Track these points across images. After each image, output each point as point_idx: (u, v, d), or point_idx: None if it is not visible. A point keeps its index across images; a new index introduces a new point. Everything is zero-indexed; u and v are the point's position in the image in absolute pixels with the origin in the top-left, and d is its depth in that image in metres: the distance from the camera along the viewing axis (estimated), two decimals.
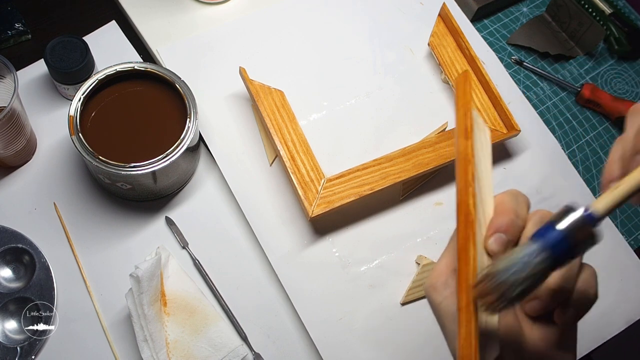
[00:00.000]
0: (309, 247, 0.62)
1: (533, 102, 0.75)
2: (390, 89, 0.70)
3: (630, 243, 0.69)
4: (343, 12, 0.74)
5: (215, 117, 0.66)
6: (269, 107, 0.62)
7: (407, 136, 0.67)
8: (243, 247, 0.62)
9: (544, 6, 0.82)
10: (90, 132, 0.58)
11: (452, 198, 0.66)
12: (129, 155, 0.56)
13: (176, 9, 0.71)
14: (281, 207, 0.63)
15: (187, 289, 0.58)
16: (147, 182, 0.58)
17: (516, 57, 0.78)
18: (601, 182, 0.38)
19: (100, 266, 0.60)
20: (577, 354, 0.38)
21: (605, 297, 0.66)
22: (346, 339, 0.59)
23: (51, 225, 0.61)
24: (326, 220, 0.62)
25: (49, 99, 0.66)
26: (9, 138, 0.57)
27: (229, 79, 0.67)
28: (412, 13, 0.75)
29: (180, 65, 0.66)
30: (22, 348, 0.55)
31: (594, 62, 0.80)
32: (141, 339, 0.54)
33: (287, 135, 0.61)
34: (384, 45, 0.73)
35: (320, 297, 0.60)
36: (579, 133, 0.76)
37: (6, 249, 0.59)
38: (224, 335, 0.57)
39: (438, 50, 0.70)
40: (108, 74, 0.59)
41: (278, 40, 0.71)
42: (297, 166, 0.60)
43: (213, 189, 0.64)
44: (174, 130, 0.58)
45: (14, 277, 0.59)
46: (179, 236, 0.62)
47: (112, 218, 0.62)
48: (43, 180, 0.63)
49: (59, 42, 0.62)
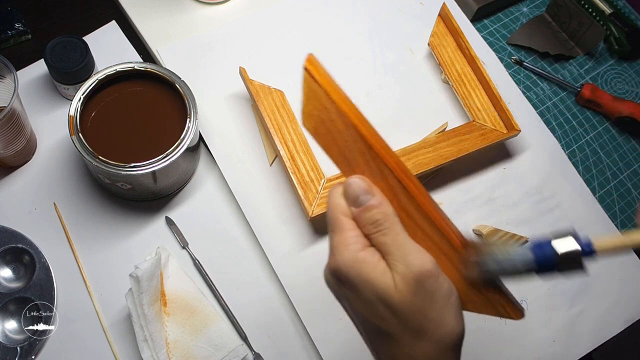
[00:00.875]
0: (309, 247, 0.62)
1: (533, 102, 0.75)
2: (390, 89, 0.70)
3: None
4: (343, 12, 0.74)
5: (215, 117, 0.66)
6: (269, 107, 0.62)
7: (407, 136, 0.67)
8: (243, 247, 0.62)
9: (544, 6, 0.82)
10: (90, 132, 0.58)
11: (451, 198, 0.66)
12: (129, 155, 0.56)
13: (176, 9, 0.71)
14: (281, 207, 0.63)
15: (187, 289, 0.58)
16: (147, 182, 0.58)
17: (516, 57, 0.78)
18: (637, 210, 0.40)
19: (100, 266, 0.60)
20: (565, 353, 0.39)
21: (605, 297, 0.66)
22: (346, 339, 0.59)
23: (51, 225, 0.61)
24: (326, 220, 0.62)
25: (49, 99, 0.66)
26: (9, 138, 0.57)
27: (229, 79, 0.67)
28: (412, 13, 0.75)
29: (180, 65, 0.66)
30: (22, 348, 0.55)
31: (594, 62, 0.80)
32: (141, 339, 0.54)
33: (287, 135, 0.61)
34: (384, 45, 0.73)
35: (320, 297, 0.60)
36: (579, 133, 0.76)
37: (6, 249, 0.59)
38: (224, 335, 0.57)
39: (438, 50, 0.70)
40: (108, 74, 0.59)
41: (278, 40, 0.71)
42: (297, 166, 0.60)
43: (213, 189, 0.64)
44: (174, 130, 0.58)
45: (14, 277, 0.59)
46: (179, 236, 0.62)
47: (112, 218, 0.62)
48: (43, 180, 0.63)
49: (59, 42, 0.62)
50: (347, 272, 0.36)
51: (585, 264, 0.34)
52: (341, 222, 0.37)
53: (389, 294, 0.35)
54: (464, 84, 0.68)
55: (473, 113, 0.67)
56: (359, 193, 0.36)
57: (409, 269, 0.35)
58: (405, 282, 0.35)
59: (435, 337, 0.36)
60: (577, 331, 0.64)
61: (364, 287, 0.35)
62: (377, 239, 0.36)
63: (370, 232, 0.36)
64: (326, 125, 0.36)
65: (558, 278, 0.36)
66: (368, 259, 0.36)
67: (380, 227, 0.36)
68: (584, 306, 0.65)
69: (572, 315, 0.64)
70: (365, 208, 0.36)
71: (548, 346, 0.63)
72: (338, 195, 0.38)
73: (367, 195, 0.36)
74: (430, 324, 0.35)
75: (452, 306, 0.36)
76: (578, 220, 0.68)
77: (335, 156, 0.38)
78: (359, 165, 0.37)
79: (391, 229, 0.36)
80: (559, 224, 0.67)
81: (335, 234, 0.37)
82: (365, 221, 0.36)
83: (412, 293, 0.35)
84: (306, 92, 0.35)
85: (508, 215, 0.67)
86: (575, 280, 0.65)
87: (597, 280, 0.66)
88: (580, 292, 0.65)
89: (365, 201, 0.36)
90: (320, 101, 0.35)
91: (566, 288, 0.65)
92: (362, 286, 0.35)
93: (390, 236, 0.36)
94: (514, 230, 0.66)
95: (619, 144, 0.76)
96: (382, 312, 0.36)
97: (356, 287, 0.36)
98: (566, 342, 0.63)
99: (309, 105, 0.36)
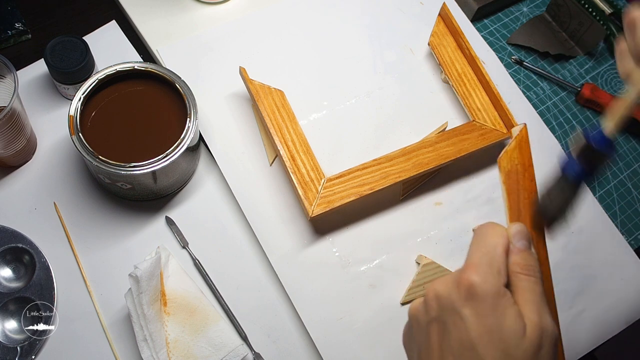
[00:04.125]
0: (309, 247, 0.62)
1: (533, 102, 0.75)
2: (390, 89, 0.70)
3: (631, 243, 0.69)
4: (343, 12, 0.74)
5: (215, 117, 0.66)
6: (269, 107, 0.62)
7: (407, 136, 0.67)
8: (243, 247, 0.62)
9: (544, 6, 0.82)
10: (90, 132, 0.58)
11: (451, 198, 0.66)
12: (129, 155, 0.56)
13: (176, 9, 0.72)
14: (281, 207, 0.63)
15: (187, 289, 0.58)
16: (147, 182, 0.58)
17: (516, 56, 0.78)
18: (620, 73, 0.44)
19: (100, 266, 0.60)
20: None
21: (605, 297, 0.66)
22: (346, 339, 0.59)
23: (51, 225, 0.61)
24: (326, 220, 0.62)
25: (49, 99, 0.66)
26: (9, 138, 0.57)
27: (229, 79, 0.67)
28: (412, 13, 0.75)
29: (180, 65, 0.66)
30: (22, 348, 0.56)
31: (594, 62, 0.80)
32: (141, 339, 0.54)
33: (287, 135, 0.61)
34: (384, 45, 0.73)
35: (320, 297, 0.60)
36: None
37: (6, 249, 0.59)
38: (224, 335, 0.57)
39: (438, 50, 0.70)
40: (108, 73, 0.59)
41: (278, 40, 0.71)
42: (297, 166, 0.60)
43: (213, 189, 0.64)
44: (174, 130, 0.58)
45: (14, 277, 0.59)
46: (179, 236, 0.62)
47: (112, 218, 0.62)
48: (43, 180, 0.63)
49: (59, 42, 0.62)
50: (487, 292, 0.34)
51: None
52: (496, 251, 0.36)
53: (516, 338, 0.33)
54: (464, 83, 0.68)
55: (473, 113, 0.67)
56: (524, 237, 0.38)
57: (543, 325, 0.34)
58: (534, 335, 0.34)
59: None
60: (577, 331, 0.64)
61: (494, 318, 0.34)
62: (524, 281, 0.36)
63: (520, 271, 0.36)
64: (518, 176, 0.44)
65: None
66: (508, 295, 0.35)
67: (532, 272, 0.36)
68: (584, 306, 0.65)
69: (572, 315, 0.64)
70: (526, 249, 0.37)
71: None
72: (501, 229, 0.38)
73: (528, 242, 0.38)
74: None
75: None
76: (578, 220, 0.68)
77: (512, 204, 0.43)
78: (525, 220, 0.42)
79: (540, 280, 0.36)
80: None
81: (486, 257, 0.36)
82: (520, 260, 0.36)
83: (534, 347, 0.34)
84: (517, 142, 0.46)
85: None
86: (576, 280, 0.65)
87: (597, 280, 0.66)
88: (580, 292, 0.65)
89: (527, 246, 0.37)
90: (524, 157, 0.45)
91: (566, 288, 0.65)
92: (494, 315, 0.34)
93: (539, 287, 0.36)
94: None
95: (619, 143, 0.76)
96: (499, 350, 0.33)
97: (486, 312, 0.34)
98: (566, 342, 0.63)
99: (513, 154, 0.45)
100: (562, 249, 0.66)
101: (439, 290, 0.36)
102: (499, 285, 0.35)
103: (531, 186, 0.44)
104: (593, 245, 0.67)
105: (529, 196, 0.43)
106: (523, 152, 0.45)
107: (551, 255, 0.44)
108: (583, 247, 0.67)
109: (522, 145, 0.45)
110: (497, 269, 0.36)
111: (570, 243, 0.67)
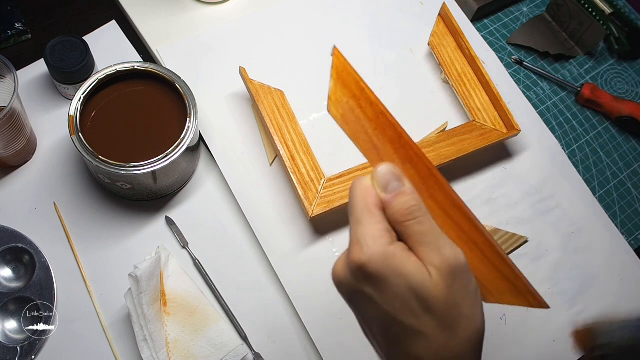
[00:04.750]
0: (309, 247, 0.62)
1: (533, 102, 0.75)
2: (390, 89, 0.70)
3: (631, 243, 0.69)
4: (343, 12, 0.74)
5: (215, 117, 0.66)
6: (269, 107, 0.62)
7: None
8: (243, 247, 0.62)
9: (544, 6, 0.82)
10: (90, 132, 0.58)
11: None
12: (129, 155, 0.56)
13: (176, 9, 0.72)
14: (281, 207, 0.63)
15: (187, 289, 0.58)
16: (147, 182, 0.58)
17: (516, 57, 0.78)
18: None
19: (100, 266, 0.60)
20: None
21: (605, 297, 0.66)
22: (346, 339, 0.59)
23: (51, 225, 0.61)
24: (326, 220, 0.62)
25: (49, 99, 0.66)
26: (9, 138, 0.57)
27: (229, 79, 0.67)
28: (412, 13, 0.75)
29: (180, 65, 0.66)
30: (22, 348, 0.55)
31: (594, 62, 0.80)
32: (141, 339, 0.54)
33: (287, 135, 0.61)
34: (384, 45, 0.73)
35: (320, 297, 0.60)
36: (579, 133, 0.75)
37: (6, 249, 0.59)
38: (224, 335, 0.57)
39: (438, 50, 0.70)
40: (108, 73, 0.59)
41: (278, 40, 0.71)
42: (297, 166, 0.60)
43: (213, 189, 0.64)
44: (174, 130, 0.58)
45: (14, 277, 0.59)
46: (179, 236, 0.62)
47: (112, 218, 0.62)
48: (43, 180, 0.63)
49: (59, 42, 0.62)
50: (377, 266, 0.33)
51: None
52: (369, 213, 0.34)
53: (426, 288, 0.33)
54: (464, 83, 0.68)
55: (473, 113, 0.67)
56: (391, 179, 0.35)
57: (445, 261, 0.33)
58: (441, 276, 0.33)
59: (467, 333, 0.34)
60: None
61: (397, 282, 0.33)
62: (411, 227, 0.34)
63: (402, 220, 0.34)
64: (355, 112, 0.36)
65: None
66: (399, 253, 0.33)
67: (414, 215, 0.34)
68: (584, 306, 0.65)
69: (572, 315, 0.64)
70: (399, 194, 0.34)
71: (548, 346, 0.62)
72: (364, 184, 0.35)
73: (399, 182, 0.34)
74: (464, 319, 0.34)
75: (479, 300, 0.35)
76: (578, 220, 0.68)
77: (364, 144, 0.37)
78: (388, 153, 0.36)
79: (426, 217, 0.34)
80: (559, 224, 0.67)
81: (361, 226, 0.34)
82: (398, 208, 0.34)
83: (448, 287, 0.33)
84: (335, 79, 0.36)
85: (508, 215, 0.67)
86: (576, 280, 0.65)
87: (597, 280, 0.66)
88: (580, 292, 0.65)
89: (398, 188, 0.34)
90: (349, 88, 0.35)
91: (566, 288, 0.65)
92: (395, 281, 0.33)
93: (426, 225, 0.34)
94: (514, 230, 0.66)
95: (619, 143, 0.76)
96: (415, 308, 0.33)
97: (387, 283, 0.33)
98: (566, 342, 0.63)
99: (337, 92, 0.36)
100: (562, 249, 0.66)
101: (339, 278, 0.36)
102: (386, 251, 0.33)
103: (373, 108, 0.36)
104: (593, 245, 0.67)
105: (377, 118, 0.36)
106: (346, 83, 0.36)
107: (551, 255, 0.44)
108: (583, 247, 0.67)
109: (342, 77, 0.36)
110: (379, 234, 0.34)
111: (570, 243, 0.67)
